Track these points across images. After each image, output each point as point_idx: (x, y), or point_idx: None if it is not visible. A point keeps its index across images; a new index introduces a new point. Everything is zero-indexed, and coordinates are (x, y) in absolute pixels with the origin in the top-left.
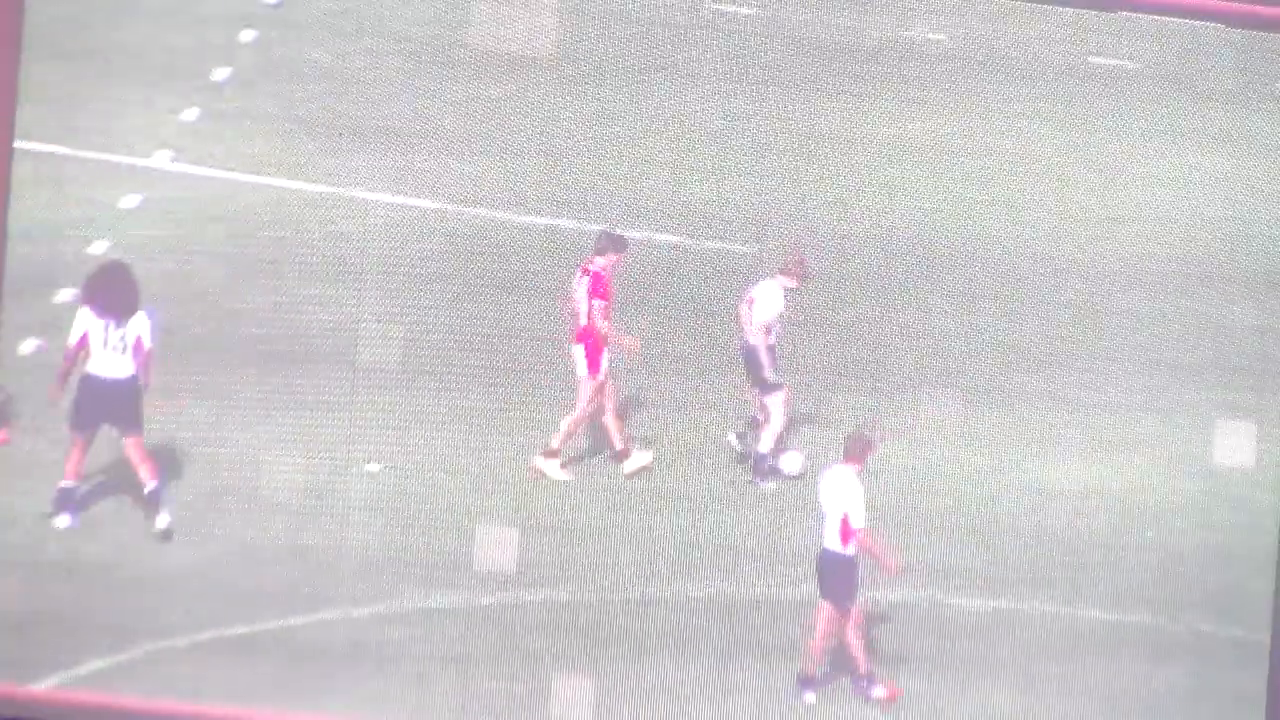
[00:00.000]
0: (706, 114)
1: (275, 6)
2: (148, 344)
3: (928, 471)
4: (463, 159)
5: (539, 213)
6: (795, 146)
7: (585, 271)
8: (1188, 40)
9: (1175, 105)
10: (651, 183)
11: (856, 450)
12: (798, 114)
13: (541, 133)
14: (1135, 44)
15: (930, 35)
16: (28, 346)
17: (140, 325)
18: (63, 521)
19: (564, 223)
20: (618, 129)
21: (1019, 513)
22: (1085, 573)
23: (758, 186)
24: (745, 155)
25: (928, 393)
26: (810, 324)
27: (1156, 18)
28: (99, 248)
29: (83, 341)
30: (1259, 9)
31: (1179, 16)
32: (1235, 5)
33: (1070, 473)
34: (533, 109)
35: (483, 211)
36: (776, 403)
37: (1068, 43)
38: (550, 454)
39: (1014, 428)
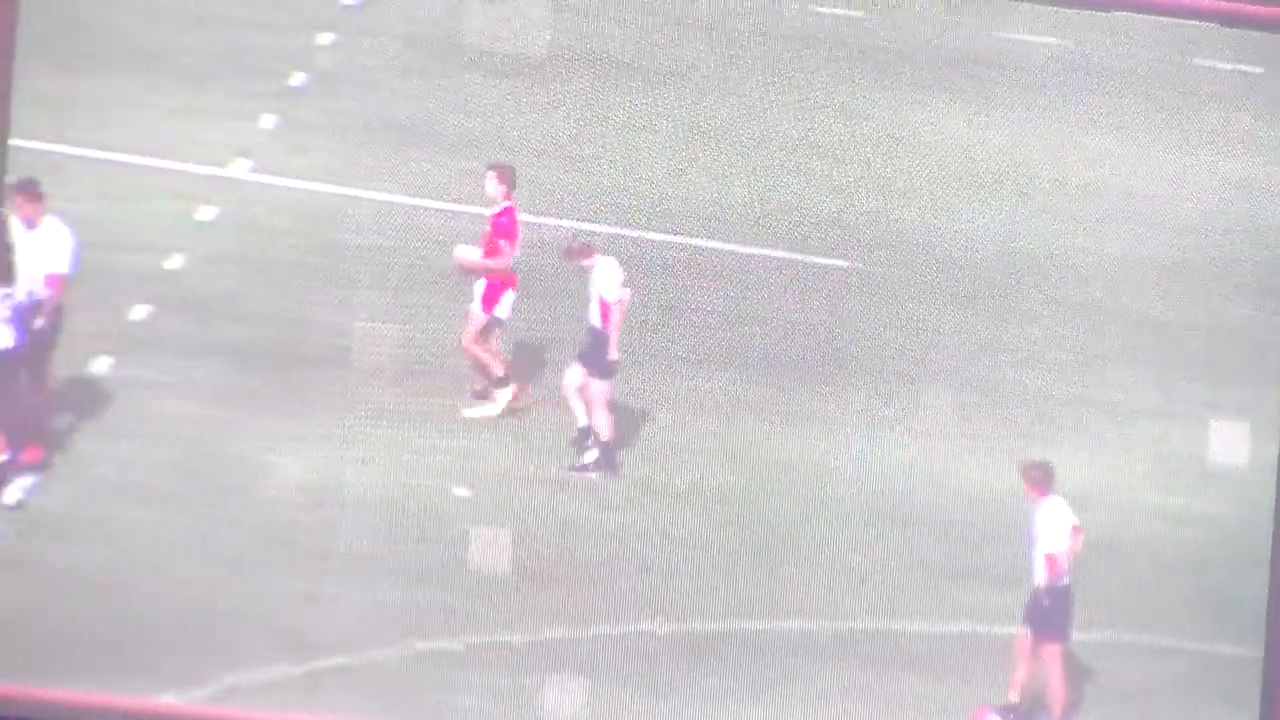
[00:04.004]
0: (706, 113)
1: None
2: None
3: (925, 470)
4: (463, 159)
5: (539, 213)
6: (795, 145)
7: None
8: (1186, 40)
9: (1173, 104)
10: (650, 181)
11: (1045, 479)
12: (797, 113)
13: (540, 132)
14: (1133, 44)
15: (931, 34)
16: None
17: None
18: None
19: (564, 223)
20: (615, 128)
21: (1018, 512)
22: (1082, 572)
23: (757, 185)
24: (744, 154)
25: (925, 389)
26: (810, 323)
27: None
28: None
29: None
30: (1259, 9)
31: (1179, 16)
32: (1235, 5)
33: (1066, 472)
34: (532, 108)
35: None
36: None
37: (1067, 42)
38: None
39: (1010, 427)
